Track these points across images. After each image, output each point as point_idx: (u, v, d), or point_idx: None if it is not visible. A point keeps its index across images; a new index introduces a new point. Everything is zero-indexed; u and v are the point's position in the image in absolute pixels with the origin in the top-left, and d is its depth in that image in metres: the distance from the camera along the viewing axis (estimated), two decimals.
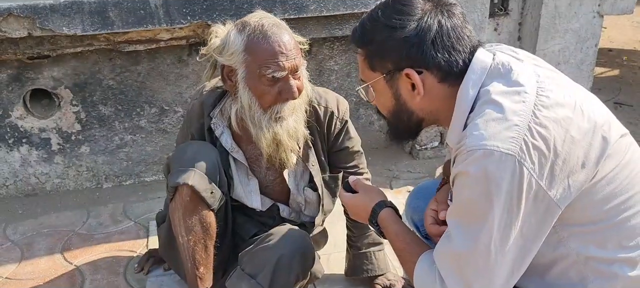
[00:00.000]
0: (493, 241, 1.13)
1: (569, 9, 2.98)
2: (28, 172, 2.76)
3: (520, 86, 1.15)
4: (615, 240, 1.19)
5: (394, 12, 1.21)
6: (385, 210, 1.44)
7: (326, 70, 2.94)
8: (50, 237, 2.47)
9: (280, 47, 1.57)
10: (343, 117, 1.84)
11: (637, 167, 1.21)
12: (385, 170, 3.00)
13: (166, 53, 2.69)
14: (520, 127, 1.10)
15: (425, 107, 1.26)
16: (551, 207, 1.13)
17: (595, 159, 1.14)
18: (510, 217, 1.12)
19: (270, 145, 1.66)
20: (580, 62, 3.12)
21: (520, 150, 1.09)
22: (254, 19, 1.63)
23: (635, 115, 3.73)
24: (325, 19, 2.66)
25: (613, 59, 4.90)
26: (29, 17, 2.33)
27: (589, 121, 1.15)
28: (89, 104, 2.71)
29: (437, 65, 1.19)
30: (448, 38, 1.19)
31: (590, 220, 1.18)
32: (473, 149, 1.11)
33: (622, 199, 1.18)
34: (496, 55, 1.23)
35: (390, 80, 1.24)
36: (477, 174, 1.10)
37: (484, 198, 1.11)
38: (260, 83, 1.59)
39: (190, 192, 1.63)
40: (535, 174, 1.10)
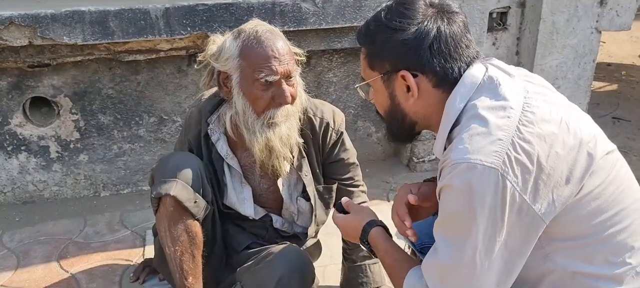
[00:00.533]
0: (478, 253, 1.15)
1: (567, 24, 3.00)
2: (26, 179, 2.77)
3: (506, 101, 1.17)
4: (601, 256, 1.20)
5: (396, 14, 1.24)
6: (375, 229, 1.47)
7: (325, 82, 2.95)
8: (47, 245, 2.48)
9: (273, 52, 1.61)
10: (338, 128, 1.85)
11: (623, 183, 1.22)
12: (382, 182, 3.00)
13: (166, 63, 2.71)
14: (504, 141, 1.12)
15: (418, 111, 1.29)
16: (536, 221, 1.14)
17: (580, 175, 1.15)
18: (494, 230, 1.13)
19: (263, 151, 1.68)
20: (577, 77, 3.14)
21: (503, 164, 1.11)
22: (249, 26, 1.67)
23: (633, 130, 3.74)
24: (324, 31, 2.68)
25: (611, 73, 4.92)
26: (30, 26, 2.35)
27: (575, 137, 1.16)
28: (88, 113, 2.72)
29: (433, 70, 1.22)
30: (445, 45, 1.21)
31: (576, 235, 1.19)
32: (457, 163, 1.13)
33: (608, 215, 1.19)
34: (488, 69, 1.25)
35: (387, 80, 1.28)
36: (461, 187, 1.13)
37: (468, 210, 1.13)
38: (254, 87, 1.63)
39: (173, 202, 1.65)
40: (519, 188, 1.11)
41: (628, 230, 1.21)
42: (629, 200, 1.22)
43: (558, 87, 3.12)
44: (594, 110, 3.97)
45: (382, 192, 2.92)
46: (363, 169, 2.84)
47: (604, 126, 3.92)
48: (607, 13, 3.02)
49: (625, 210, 1.20)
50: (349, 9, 2.61)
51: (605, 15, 3.03)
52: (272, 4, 2.52)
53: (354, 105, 3.06)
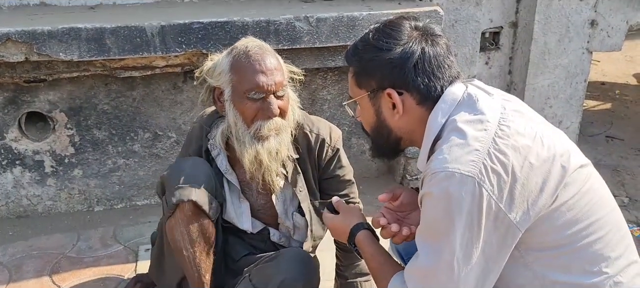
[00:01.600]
0: (456, 258, 1.20)
1: (559, 45, 3.04)
2: (20, 193, 2.78)
3: (484, 115, 1.25)
4: (579, 266, 1.25)
5: (383, 35, 1.32)
6: (362, 232, 1.51)
7: (319, 99, 2.98)
8: (39, 259, 2.48)
9: (261, 66, 1.67)
10: (335, 145, 1.88)
11: (596, 196, 1.28)
12: (375, 199, 2.99)
13: (161, 79, 2.74)
14: (480, 151, 1.19)
15: (403, 127, 1.35)
16: (511, 229, 1.20)
17: (554, 186, 1.21)
18: (471, 236, 1.19)
19: (253, 163, 1.72)
20: (569, 97, 3.17)
21: (480, 173, 1.17)
22: (241, 42, 1.75)
23: (626, 149, 3.76)
24: (318, 50, 2.71)
25: (605, 92, 4.95)
26: (27, 43, 2.37)
27: (549, 151, 1.23)
28: (83, 128, 2.74)
29: (417, 88, 1.29)
30: (429, 64, 1.29)
31: (553, 244, 1.24)
32: (436, 171, 1.20)
33: (583, 225, 1.24)
34: (468, 88, 1.32)
35: (374, 98, 1.35)
36: (440, 194, 1.19)
37: (447, 216, 1.19)
38: (243, 100, 1.68)
39: (192, 207, 1.69)
40: (495, 196, 1.18)
41: (603, 241, 1.26)
42: (602, 212, 1.28)
43: (550, 107, 3.17)
44: (588, 128, 3.99)
45: (375, 209, 2.93)
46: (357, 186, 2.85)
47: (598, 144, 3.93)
48: (598, 34, 3.07)
49: (600, 221, 1.26)
50: (342, 28, 2.64)
51: (596, 36, 3.07)
52: (267, 22, 2.56)
53: (348, 123, 3.09)
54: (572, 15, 3.00)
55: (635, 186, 3.24)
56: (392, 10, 2.70)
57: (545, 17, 2.97)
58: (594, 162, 3.65)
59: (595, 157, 3.59)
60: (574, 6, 2.99)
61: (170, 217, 1.73)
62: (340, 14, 2.63)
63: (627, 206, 3.03)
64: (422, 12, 2.69)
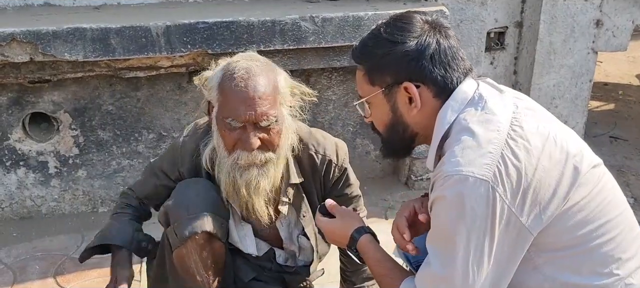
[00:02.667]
0: (470, 263, 1.18)
1: (564, 45, 3.03)
2: (24, 194, 2.77)
3: (495, 115, 1.22)
4: (589, 267, 1.23)
5: (395, 29, 1.29)
6: (364, 237, 1.47)
7: (324, 99, 2.97)
8: (43, 261, 2.47)
9: (242, 94, 1.48)
10: (342, 164, 1.78)
11: (608, 196, 1.26)
12: (380, 200, 3.00)
13: (166, 80, 2.73)
14: (494, 154, 1.17)
15: (420, 121, 1.31)
16: (523, 233, 1.18)
17: (566, 188, 1.19)
18: (485, 240, 1.17)
19: (229, 191, 1.61)
20: (575, 97, 3.16)
21: (494, 177, 1.15)
22: (237, 57, 1.57)
23: (630, 150, 3.75)
24: (324, 50, 2.70)
25: (609, 93, 4.94)
26: (32, 43, 2.36)
27: (562, 151, 1.21)
28: (87, 129, 2.73)
29: (434, 79, 1.27)
30: (445, 56, 1.27)
31: (563, 246, 1.23)
32: (449, 175, 1.18)
33: (594, 226, 1.23)
34: (479, 85, 1.30)
35: (389, 93, 1.31)
36: (453, 198, 1.17)
37: (460, 221, 1.17)
38: (223, 125, 1.53)
39: (205, 235, 1.59)
40: (508, 201, 1.16)
41: (614, 242, 1.24)
42: (614, 213, 1.26)
43: (555, 107, 3.16)
44: (592, 129, 3.98)
45: (380, 210, 2.92)
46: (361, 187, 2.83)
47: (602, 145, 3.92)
48: (603, 34, 3.06)
49: (611, 222, 1.24)
50: (348, 28, 2.63)
51: (601, 36, 3.06)
52: (272, 22, 2.55)
53: (353, 123, 3.08)
54: (577, 15, 2.99)
55: None
56: (398, 10, 2.68)
57: (551, 17, 2.97)
58: None
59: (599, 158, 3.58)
60: (579, 6, 2.98)
61: (181, 247, 1.61)
62: (346, 13, 2.62)
63: (632, 207, 3.01)
64: (428, 12, 2.66)
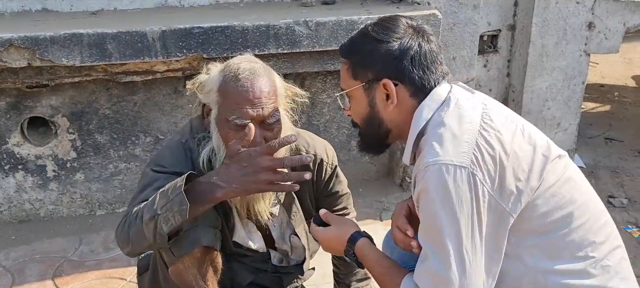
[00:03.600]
0: (464, 247, 1.23)
1: (556, 47, 3.06)
2: (23, 198, 2.80)
3: (467, 111, 1.32)
4: (566, 252, 1.30)
5: (382, 29, 1.38)
6: (361, 240, 1.50)
7: (319, 102, 3.00)
8: (42, 263, 2.50)
9: (248, 94, 1.50)
10: (332, 162, 1.83)
11: (575, 185, 1.35)
12: (375, 202, 3.03)
13: (162, 84, 2.76)
14: (470, 143, 1.25)
15: (394, 118, 1.39)
16: (504, 216, 1.26)
17: (538, 172, 1.28)
18: (473, 223, 1.23)
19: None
20: (567, 99, 3.19)
21: (472, 163, 1.23)
22: (236, 60, 1.58)
23: (626, 151, 3.77)
24: (318, 53, 2.73)
25: (604, 94, 4.97)
26: (29, 48, 2.40)
27: (530, 142, 1.31)
28: (85, 132, 2.76)
29: (412, 79, 1.35)
30: (425, 58, 1.36)
31: (538, 232, 1.30)
32: (429, 165, 1.24)
33: (565, 212, 1.30)
34: (452, 88, 1.39)
35: (369, 88, 1.38)
36: (437, 188, 1.23)
37: (447, 208, 1.22)
38: (226, 127, 1.53)
39: (202, 249, 1.57)
40: (487, 185, 1.24)
41: (585, 227, 1.31)
42: (581, 200, 1.34)
43: (548, 109, 3.19)
44: (587, 130, 4.01)
45: (375, 211, 2.95)
46: (356, 189, 2.86)
47: (597, 146, 3.95)
48: (596, 36, 3.09)
49: (580, 208, 1.32)
50: (342, 32, 2.66)
51: (593, 38, 3.09)
52: (267, 26, 2.58)
53: (348, 126, 3.10)
54: (569, 18, 3.02)
55: (635, 187, 3.26)
56: (391, 13, 2.72)
57: (543, 19, 3.00)
58: (593, 163, 3.69)
59: (594, 159, 3.61)
60: (571, 9, 3.01)
61: (177, 263, 1.58)
62: (339, 18, 2.66)
63: (626, 207, 3.05)
64: (421, 16, 2.71)
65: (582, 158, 3.57)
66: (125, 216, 1.55)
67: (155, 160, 1.66)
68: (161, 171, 1.60)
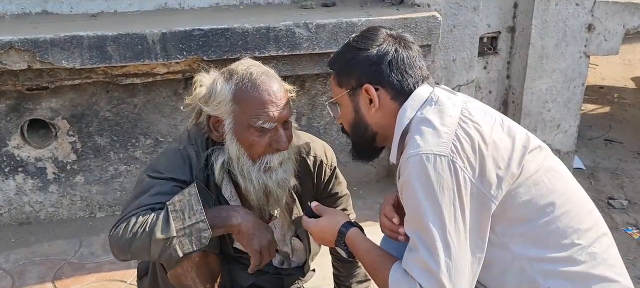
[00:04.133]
0: (448, 233, 1.27)
1: (556, 49, 3.06)
2: (23, 200, 2.80)
3: (448, 107, 1.39)
4: (552, 239, 1.33)
5: (362, 38, 1.48)
6: (352, 230, 1.54)
7: (319, 105, 3.00)
8: (42, 266, 2.50)
9: (270, 96, 1.54)
10: (332, 163, 1.84)
11: (557, 174, 1.40)
12: (376, 204, 3.03)
13: (162, 86, 2.76)
14: (449, 134, 1.32)
15: (378, 122, 1.47)
16: (486, 202, 1.30)
17: (517, 160, 1.33)
18: (456, 209, 1.28)
19: (261, 198, 1.63)
20: (567, 101, 3.19)
21: (451, 152, 1.29)
22: (242, 67, 1.58)
23: (625, 152, 3.78)
24: (318, 55, 2.73)
25: (604, 96, 4.97)
26: (30, 51, 2.40)
27: (509, 134, 1.38)
28: (85, 135, 2.76)
29: (391, 83, 1.43)
30: (402, 63, 1.44)
31: (523, 220, 1.34)
32: (410, 156, 1.31)
33: (548, 201, 1.34)
34: (434, 89, 1.46)
35: (353, 95, 1.47)
36: (419, 177, 1.28)
37: (430, 196, 1.27)
38: (249, 134, 1.55)
39: (200, 253, 1.58)
40: (469, 173, 1.29)
41: (569, 215, 1.35)
42: (564, 189, 1.38)
43: (548, 110, 3.19)
44: (587, 132, 4.01)
45: (375, 213, 2.95)
46: (357, 191, 2.86)
47: (596, 148, 3.95)
48: (595, 38, 3.09)
49: (562, 196, 1.36)
50: (341, 34, 2.67)
51: (593, 40, 3.09)
52: (267, 29, 2.58)
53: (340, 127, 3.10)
54: (569, 20, 3.02)
55: (634, 189, 3.26)
56: (391, 16, 2.73)
57: (543, 21, 3.00)
58: (593, 165, 3.69)
59: (594, 161, 3.62)
60: (570, 11, 3.01)
61: (176, 268, 1.59)
62: (339, 20, 2.66)
63: (626, 209, 3.05)
64: (421, 18, 2.72)
65: (581, 159, 3.57)
66: (124, 221, 1.52)
67: (152, 166, 1.66)
68: (158, 177, 1.59)
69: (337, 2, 3.09)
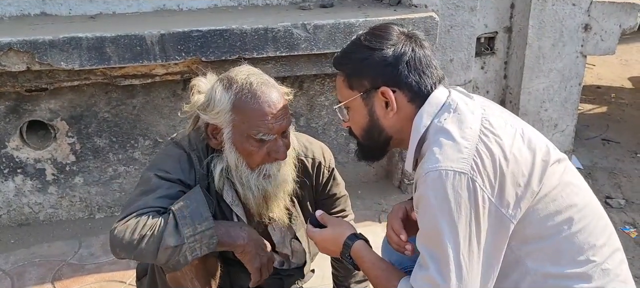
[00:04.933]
0: (461, 253, 1.23)
1: (553, 49, 3.08)
2: (22, 201, 2.80)
3: (467, 116, 1.32)
4: (568, 256, 1.30)
5: (374, 37, 1.38)
6: (357, 243, 1.50)
7: (317, 105, 3.01)
8: (41, 267, 2.50)
9: (270, 108, 1.52)
10: (330, 165, 1.84)
11: (575, 188, 1.35)
12: (374, 204, 3.04)
13: (161, 87, 2.77)
14: (470, 149, 1.25)
15: (394, 125, 1.39)
16: (504, 222, 1.26)
17: (538, 177, 1.28)
18: (471, 229, 1.23)
19: (260, 204, 1.64)
20: (564, 100, 3.21)
21: (471, 169, 1.23)
22: (241, 75, 1.57)
23: (622, 152, 3.79)
24: (316, 56, 2.74)
25: (601, 96, 4.99)
26: (29, 52, 2.40)
27: (529, 146, 1.31)
28: (84, 136, 2.77)
29: (409, 85, 1.35)
30: (419, 63, 1.36)
31: (540, 236, 1.30)
32: (429, 171, 1.24)
33: (566, 216, 1.30)
34: (451, 92, 1.39)
35: (367, 98, 1.38)
36: (436, 194, 1.23)
37: (446, 214, 1.22)
38: (248, 143, 1.54)
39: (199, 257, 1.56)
40: (488, 191, 1.23)
41: (587, 230, 1.32)
42: (582, 203, 1.34)
43: (545, 110, 3.20)
44: (584, 132, 4.03)
45: (374, 213, 2.96)
46: (355, 191, 2.87)
47: (594, 147, 3.96)
48: (592, 38, 3.11)
49: (581, 211, 1.32)
50: (339, 35, 2.68)
51: (589, 40, 3.11)
52: (265, 30, 2.59)
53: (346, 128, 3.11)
54: (565, 20, 3.04)
55: (632, 188, 3.27)
56: (389, 16, 2.74)
57: (539, 22, 3.01)
58: (591, 164, 3.70)
59: (591, 160, 3.63)
60: (567, 11, 3.03)
61: (175, 270, 1.57)
62: (337, 21, 2.67)
63: (623, 208, 3.06)
64: (418, 18, 2.73)
65: (579, 159, 3.58)
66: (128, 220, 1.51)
67: (159, 165, 1.64)
68: (166, 177, 1.58)
69: (335, 3, 3.10)
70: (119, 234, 1.50)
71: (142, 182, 1.63)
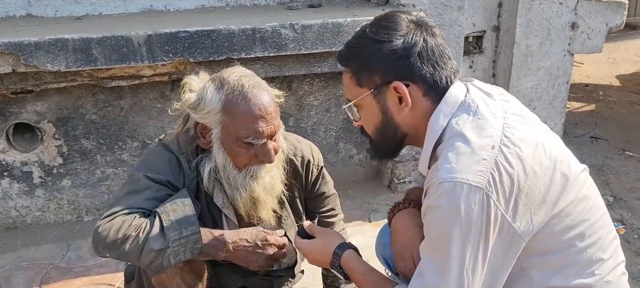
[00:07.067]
0: (465, 270, 1.17)
1: (540, 48, 3.10)
2: (9, 205, 2.78)
3: (487, 121, 1.21)
4: (574, 269, 1.25)
5: (381, 28, 1.26)
6: (347, 252, 1.46)
7: (306, 105, 3.01)
8: (29, 271, 2.48)
9: (261, 111, 1.51)
10: (319, 163, 1.85)
11: (591, 201, 1.29)
12: (364, 203, 3.04)
13: (149, 88, 2.75)
14: (488, 161, 1.16)
15: (410, 121, 1.29)
16: (516, 239, 1.19)
17: (556, 194, 1.21)
18: (479, 247, 1.16)
19: (247, 204, 1.63)
20: (552, 99, 3.23)
21: (488, 184, 1.14)
22: (233, 76, 1.55)
23: (611, 149, 3.82)
24: (304, 56, 2.74)
25: (589, 94, 5.03)
26: (14, 54, 2.38)
27: (550, 158, 1.22)
28: (71, 138, 2.75)
29: (423, 77, 1.24)
30: (433, 53, 1.25)
31: (551, 250, 1.24)
32: (444, 181, 1.16)
33: (579, 231, 1.25)
34: (469, 90, 1.29)
35: (378, 94, 1.28)
36: (448, 206, 1.15)
37: (456, 228, 1.15)
38: (236, 145, 1.54)
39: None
40: (501, 207, 1.15)
41: (597, 245, 1.27)
42: (595, 217, 1.28)
43: (533, 108, 3.21)
44: (573, 129, 4.05)
45: (364, 213, 2.96)
46: (345, 191, 2.87)
47: (582, 145, 3.99)
48: (579, 36, 3.13)
49: (594, 225, 1.27)
50: (327, 35, 2.68)
51: (576, 38, 3.13)
52: (253, 30, 2.59)
53: (335, 128, 3.12)
54: (552, 19, 3.06)
55: (620, 185, 3.30)
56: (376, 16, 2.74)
57: (527, 20, 3.03)
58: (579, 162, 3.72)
59: (580, 158, 3.59)
60: (554, 9, 3.05)
61: (161, 273, 1.56)
62: (325, 20, 2.67)
63: (612, 205, 3.08)
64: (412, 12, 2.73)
65: None
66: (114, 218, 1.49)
67: (148, 165, 1.62)
68: (155, 179, 1.57)
69: (323, 3, 3.10)
70: (103, 232, 1.48)
71: (130, 181, 1.62)
